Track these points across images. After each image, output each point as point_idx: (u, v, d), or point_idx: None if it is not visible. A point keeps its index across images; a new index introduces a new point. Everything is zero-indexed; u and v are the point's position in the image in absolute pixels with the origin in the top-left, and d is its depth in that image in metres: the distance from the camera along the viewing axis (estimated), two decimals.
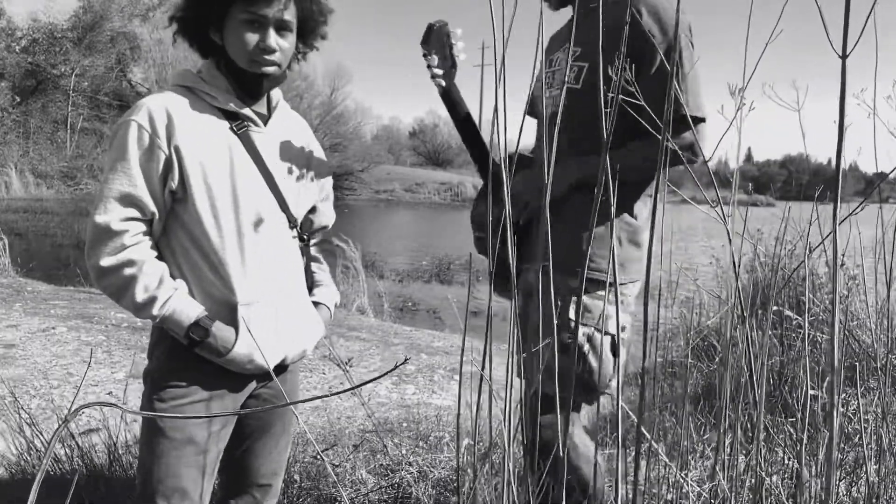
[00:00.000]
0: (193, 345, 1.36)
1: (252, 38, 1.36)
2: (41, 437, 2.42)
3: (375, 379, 0.61)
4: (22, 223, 16.68)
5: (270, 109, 1.51)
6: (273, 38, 1.37)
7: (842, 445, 2.13)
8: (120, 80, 32.08)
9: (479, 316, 6.64)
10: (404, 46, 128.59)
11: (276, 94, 1.55)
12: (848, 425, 2.31)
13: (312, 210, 1.64)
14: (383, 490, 2.43)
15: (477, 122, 1.73)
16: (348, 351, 5.32)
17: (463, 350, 1.26)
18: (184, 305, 1.35)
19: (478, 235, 1.84)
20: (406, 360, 0.62)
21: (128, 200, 1.32)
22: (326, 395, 0.62)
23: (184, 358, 1.39)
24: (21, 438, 2.45)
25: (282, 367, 1.54)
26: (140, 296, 1.32)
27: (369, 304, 7.71)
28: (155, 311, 1.32)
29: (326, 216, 1.70)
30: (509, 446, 1.05)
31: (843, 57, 0.78)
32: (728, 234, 1.18)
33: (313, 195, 1.61)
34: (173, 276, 1.39)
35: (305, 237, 1.58)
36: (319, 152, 1.65)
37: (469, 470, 1.98)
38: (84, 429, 2.80)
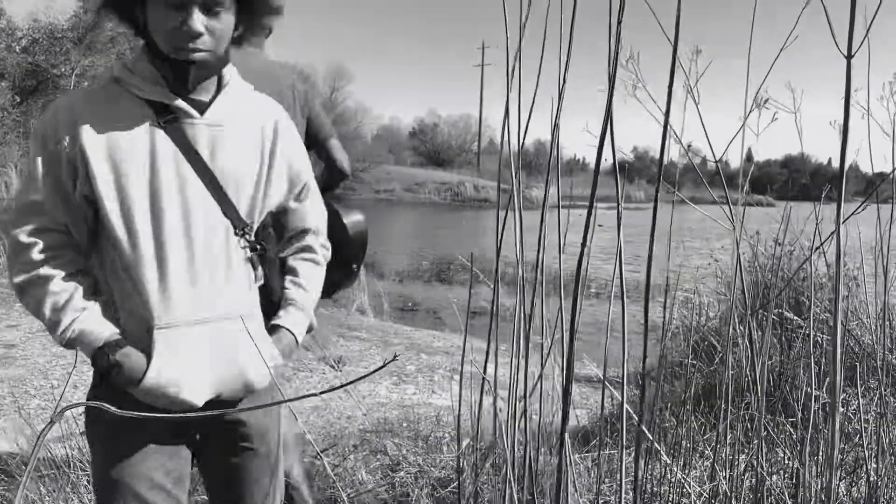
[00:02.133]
0: (103, 373, 1.21)
1: (174, 19, 1.15)
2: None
3: (364, 377, 0.61)
4: None
5: (216, 94, 1.28)
6: (198, 20, 1.15)
7: (842, 445, 2.13)
8: None
9: (480, 316, 6.64)
10: (404, 46, 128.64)
11: (229, 73, 1.31)
12: (848, 425, 2.31)
13: (283, 211, 1.41)
14: (384, 490, 2.43)
15: (477, 119, 1.76)
16: (348, 351, 5.32)
17: (464, 350, 1.26)
18: (92, 328, 1.19)
19: None
20: (395, 357, 0.61)
21: (36, 210, 1.20)
22: (315, 394, 0.62)
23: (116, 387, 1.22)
24: (22, 438, 2.45)
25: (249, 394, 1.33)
26: (48, 317, 1.19)
27: (369, 304, 7.71)
28: (59, 335, 1.19)
29: (306, 218, 1.45)
30: (512, 447, 1.05)
31: (849, 57, 0.78)
32: (735, 233, 1.19)
33: (278, 192, 1.36)
34: (100, 292, 1.24)
35: (259, 246, 1.32)
36: (291, 141, 1.39)
37: (469, 470, 1.98)
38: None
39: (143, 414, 0.62)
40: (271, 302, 1.39)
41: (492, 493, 2.16)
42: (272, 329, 1.35)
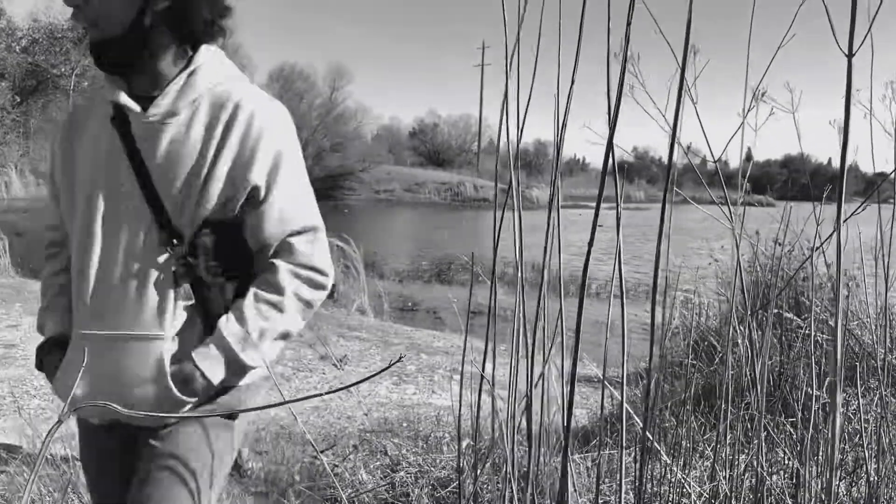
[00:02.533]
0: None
1: None
2: (41, 439, 2.42)
3: (367, 378, 0.61)
4: (22, 223, 16.64)
5: (168, 87, 1.14)
6: None
7: (842, 445, 2.13)
8: None
9: (480, 316, 6.64)
10: (404, 46, 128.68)
11: (200, 62, 1.17)
12: (848, 425, 2.31)
13: (241, 224, 1.18)
14: (384, 490, 2.43)
15: (477, 119, 1.75)
16: (348, 351, 5.32)
17: (464, 350, 1.26)
18: (45, 326, 1.25)
19: None
20: (401, 357, 0.61)
21: (50, 212, 1.29)
22: (316, 395, 0.62)
23: None
24: (22, 438, 2.45)
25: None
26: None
27: (369, 304, 7.72)
28: (35, 327, 1.28)
29: (262, 230, 1.18)
30: (512, 447, 1.05)
31: (850, 56, 0.78)
32: (734, 233, 1.19)
33: (216, 197, 1.12)
34: None
35: (186, 260, 1.13)
36: (248, 133, 1.14)
37: (469, 470, 1.98)
38: None
39: (147, 414, 0.62)
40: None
41: (492, 493, 2.16)
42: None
